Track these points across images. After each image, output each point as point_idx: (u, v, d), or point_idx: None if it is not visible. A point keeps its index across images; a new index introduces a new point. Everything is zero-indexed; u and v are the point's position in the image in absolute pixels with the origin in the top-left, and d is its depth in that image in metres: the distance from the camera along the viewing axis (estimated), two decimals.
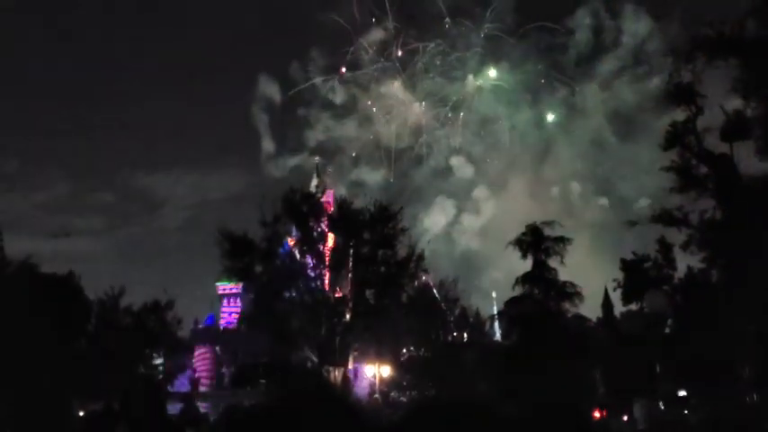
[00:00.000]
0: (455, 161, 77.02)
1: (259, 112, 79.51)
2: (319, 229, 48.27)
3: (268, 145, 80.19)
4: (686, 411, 39.41)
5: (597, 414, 35.27)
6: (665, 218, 35.76)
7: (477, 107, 68.77)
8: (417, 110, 71.29)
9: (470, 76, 70.43)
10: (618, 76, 77.68)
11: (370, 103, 69.48)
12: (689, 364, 35.83)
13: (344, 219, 47.00)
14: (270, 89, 78.62)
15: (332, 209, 49.93)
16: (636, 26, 72.46)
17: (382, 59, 69.54)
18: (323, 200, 50.87)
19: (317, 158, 77.27)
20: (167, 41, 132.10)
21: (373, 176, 73.61)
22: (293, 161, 66.55)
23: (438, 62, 69.87)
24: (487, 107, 69.04)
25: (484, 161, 77.23)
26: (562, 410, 5.38)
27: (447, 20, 67.78)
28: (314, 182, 65.85)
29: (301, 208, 47.53)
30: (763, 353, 31.07)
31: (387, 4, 67.04)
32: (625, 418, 41.24)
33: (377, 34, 67.26)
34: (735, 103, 31.75)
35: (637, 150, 72.53)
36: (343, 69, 68.97)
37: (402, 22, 67.82)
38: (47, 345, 37.80)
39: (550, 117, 65.97)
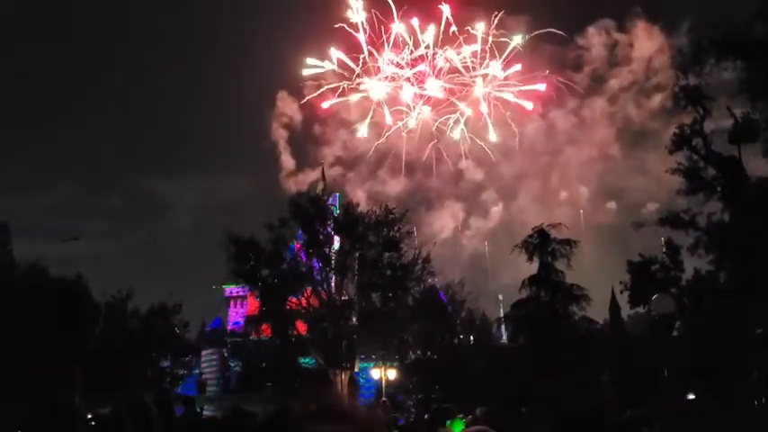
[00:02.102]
0: (464, 165, 76.74)
1: (278, 128, 79.34)
2: (325, 232, 48.30)
3: (287, 161, 79.96)
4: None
5: None
6: (672, 220, 35.68)
7: (486, 112, 68.63)
8: (427, 115, 71.09)
9: (479, 81, 70.12)
10: (627, 90, 77.47)
11: (381, 110, 69.59)
12: (696, 368, 35.70)
13: (350, 221, 47.05)
14: (287, 106, 78.46)
15: (338, 212, 49.96)
16: (647, 44, 72.12)
17: (393, 66, 69.43)
18: (329, 203, 50.88)
19: (322, 161, 77.03)
20: (171, 44, 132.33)
21: (389, 184, 73.45)
22: (311, 176, 66.77)
23: (447, 68, 69.63)
24: (497, 112, 68.81)
25: (493, 165, 76.82)
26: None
27: (454, 28, 67.63)
28: (320, 185, 65.91)
29: (307, 211, 47.61)
30: None
31: (393, 11, 67.01)
32: None
33: (385, 43, 67.31)
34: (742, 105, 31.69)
35: (645, 157, 72.21)
36: (354, 78, 68.97)
37: (409, 29, 67.71)
38: (55, 347, 37.92)
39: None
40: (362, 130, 71.66)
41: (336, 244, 48.26)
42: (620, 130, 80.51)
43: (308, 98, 71.84)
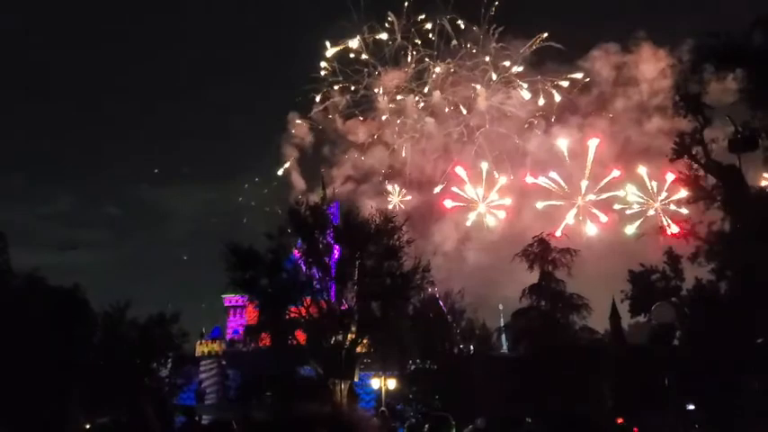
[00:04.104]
0: (467, 176, 76.64)
1: (288, 148, 79.27)
2: (325, 241, 48.09)
3: (297, 180, 79.92)
4: None
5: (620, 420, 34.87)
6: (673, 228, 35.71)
7: (489, 124, 68.84)
8: (431, 128, 71.36)
9: (482, 94, 70.24)
10: (629, 111, 77.70)
11: (386, 124, 70.05)
12: (697, 376, 35.60)
13: (350, 230, 46.86)
14: (297, 127, 78.34)
15: (338, 220, 49.75)
16: (650, 66, 72.12)
17: (396, 80, 69.79)
18: (329, 211, 50.68)
19: (322, 171, 77.02)
20: (172, 52, 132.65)
21: (396, 198, 73.59)
22: (319, 194, 66.98)
23: (449, 81, 69.95)
24: (500, 125, 68.94)
25: (496, 176, 76.74)
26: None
27: (454, 42, 67.89)
28: (319, 194, 65.80)
29: (307, 220, 47.44)
30: None
31: (395, 25, 67.35)
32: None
33: (388, 59, 67.78)
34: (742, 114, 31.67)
35: (647, 171, 72.36)
36: (359, 93, 69.39)
37: (411, 42, 68.05)
38: (53, 357, 37.76)
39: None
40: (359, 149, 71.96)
41: (336, 253, 48.06)
42: (623, 147, 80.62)
43: (314, 111, 72.00)
